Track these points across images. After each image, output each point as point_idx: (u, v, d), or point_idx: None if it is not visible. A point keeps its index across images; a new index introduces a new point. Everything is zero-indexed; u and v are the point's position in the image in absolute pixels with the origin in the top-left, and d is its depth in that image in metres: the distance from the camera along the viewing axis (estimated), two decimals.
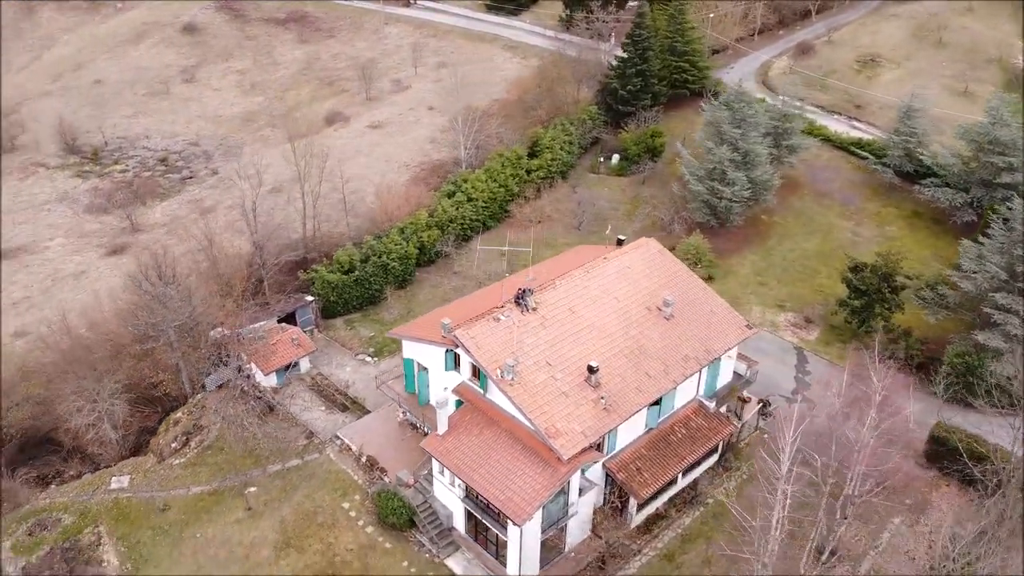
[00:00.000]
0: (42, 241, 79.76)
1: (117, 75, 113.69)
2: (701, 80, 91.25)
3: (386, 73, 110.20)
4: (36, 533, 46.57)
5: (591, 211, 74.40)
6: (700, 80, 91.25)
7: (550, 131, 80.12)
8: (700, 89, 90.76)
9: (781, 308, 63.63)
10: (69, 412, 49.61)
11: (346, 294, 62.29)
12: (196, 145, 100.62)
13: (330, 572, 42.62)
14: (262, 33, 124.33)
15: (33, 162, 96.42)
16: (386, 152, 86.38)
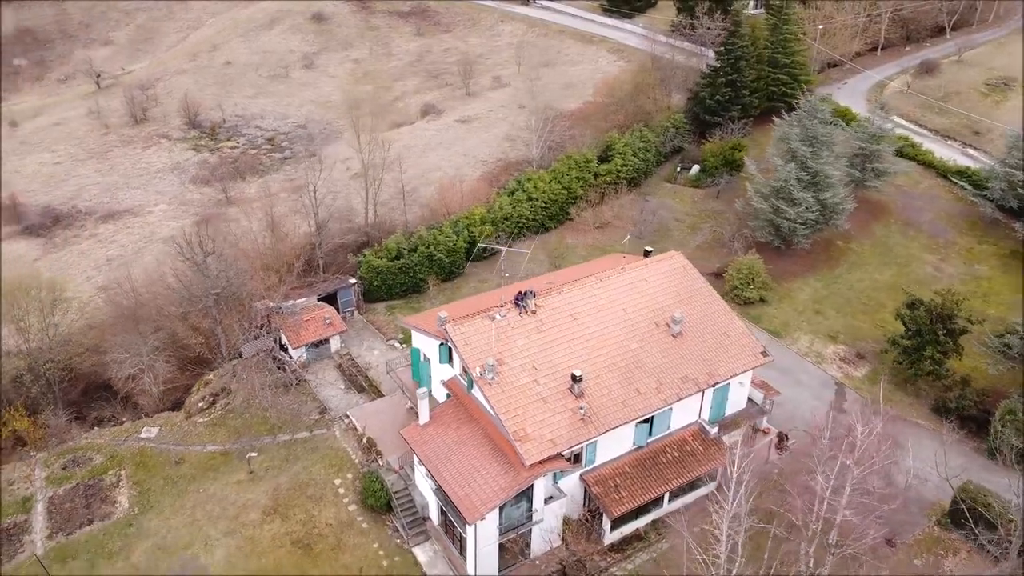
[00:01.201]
0: (148, 206, 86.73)
1: (246, 57, 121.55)
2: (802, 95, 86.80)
3: (491, 70, 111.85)
4: (69, 468, 51.07)
5: (654, 221, 72.69)
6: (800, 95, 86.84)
7: (625, 136, 78.86)
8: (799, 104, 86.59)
9: (833, 340, 59.97)
10: (114, 363, 54.02)
11: (389, 280, 64.10)
12: (303, 128, 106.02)
13: (305, 543, 44.34)
14: (383, 25, 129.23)
15: (158, 133, 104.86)
16: (467, 147, 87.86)
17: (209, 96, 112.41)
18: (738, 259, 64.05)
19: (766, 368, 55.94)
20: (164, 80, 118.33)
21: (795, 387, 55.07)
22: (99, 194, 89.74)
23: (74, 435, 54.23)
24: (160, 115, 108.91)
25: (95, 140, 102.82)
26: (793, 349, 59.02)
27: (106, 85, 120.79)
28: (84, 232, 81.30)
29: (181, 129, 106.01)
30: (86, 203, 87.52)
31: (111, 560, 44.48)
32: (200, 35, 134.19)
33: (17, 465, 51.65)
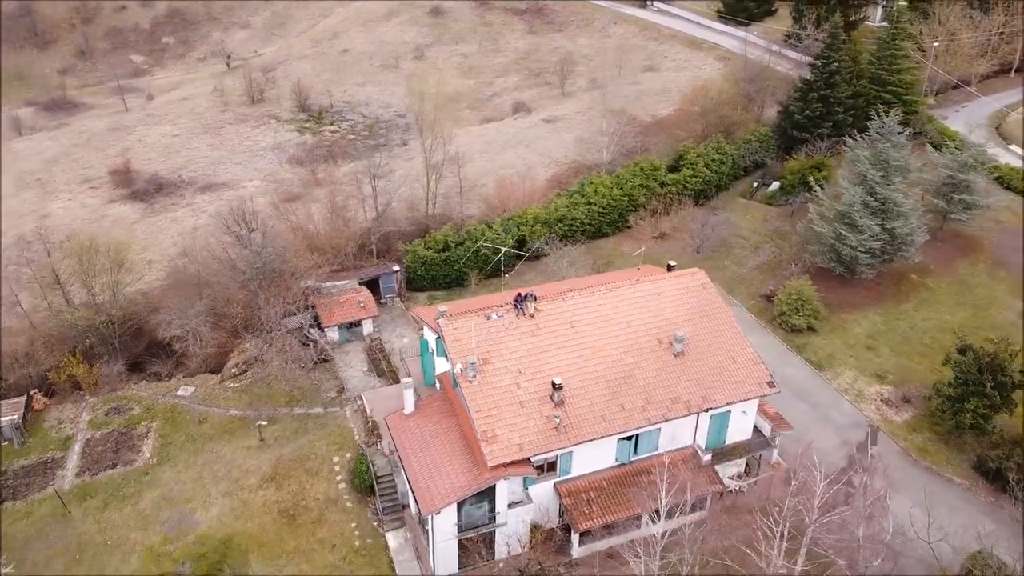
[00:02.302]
0: (243, 180, 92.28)
1: (362, 46, 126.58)
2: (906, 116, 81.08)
3: (592, 71, 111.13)
4: (111, 415, 55.53)
5: (715, 236, 70.16)
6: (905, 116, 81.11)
7: (700, 147, 76.45)
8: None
9: (879, 379, 55.94)
10: (163, 323, 58.15)
11: (433, 271, 65.32)
12: (402, 117, 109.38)
13: (291, 513, 46.25)
14: (497, 21, 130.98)
15: (270, 114, 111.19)
16: (545, 146, 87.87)
17: (322, 81, 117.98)
18: (788, 283, 60.83)
19: (793, 399, 53.55)
20: (286, 64, 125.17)
21: (821, 423, 51.90)
22: (204, 167, 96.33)
23: (123, 385, 58.80)
24: (275, 97, 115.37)
25: (213, 116, 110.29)
26: (832, 384, 55.53)
27: (235, 66, 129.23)
28: (182, 201, 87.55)
29: (291, 111, 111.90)
30: (190, 174, 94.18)
31: (122, 503, 48.07)
32: (328, 23, 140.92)
33: (69, 406, 56.70)
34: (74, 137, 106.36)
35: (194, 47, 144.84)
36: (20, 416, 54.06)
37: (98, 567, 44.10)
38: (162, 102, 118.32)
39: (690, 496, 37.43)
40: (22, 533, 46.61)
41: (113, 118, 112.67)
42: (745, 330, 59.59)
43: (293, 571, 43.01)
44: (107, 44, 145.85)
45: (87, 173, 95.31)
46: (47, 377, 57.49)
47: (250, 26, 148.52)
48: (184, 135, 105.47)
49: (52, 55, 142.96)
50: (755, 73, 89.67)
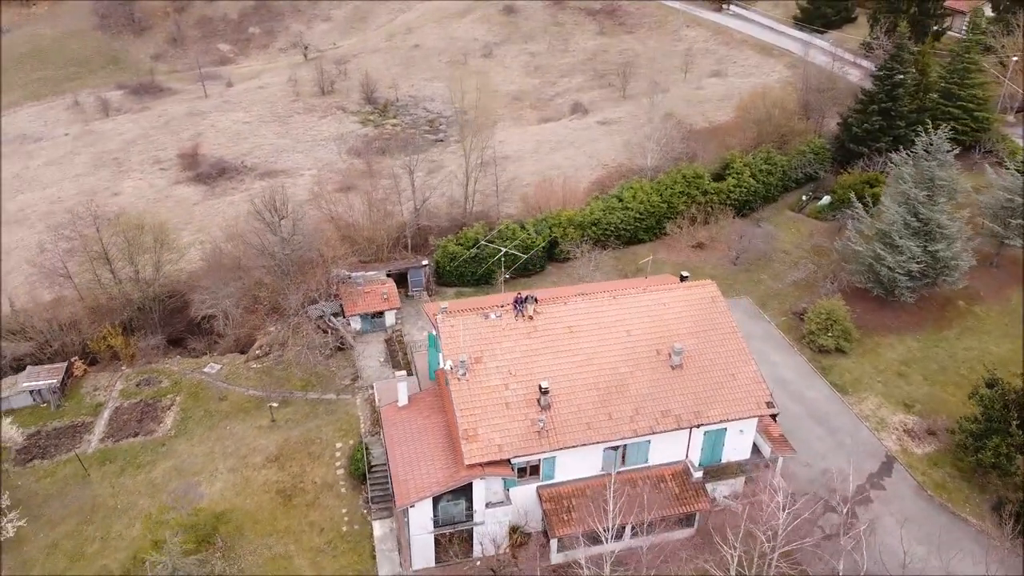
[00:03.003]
0: (302, 169, 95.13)
1: (433, 42, 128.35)
2: (975, 133, 77.16)
3: (656, 74, 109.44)
4: (141, 386, 58.38)
5: (755, 249, 68.28)
6: (974, 133, 77.21)
7: (748, 156, 74.46)
8: (971, 143, 77.11)
9: (906, 408, 53.39)
10: (196, 302, 60.71)
11: (461, 268, 65.86)
12: (464, 114, 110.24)
13: (288, 494, 47.65)
14: (569, 21, 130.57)
15: (337, 105, 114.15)
16: (596, 148, 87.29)
17: (391, 75, 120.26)
18: (819, 302, 58.69)
19: (809, 422, 51.81)
20: (359, 57, 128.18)
21: (834, 450, 49.95)
22: (267, 154, 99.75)
23: (157, 359, 61.66)
24: (345, 89, 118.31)
25: (284, 106, 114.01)
26: (854, 409, 53.31)
27: (312, 57, 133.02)
28: (241, 185, 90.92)
29: (358, 103, 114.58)
30: (253, 160, 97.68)
31: (137, 471, 50.56)
32: (405, 18, 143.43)
33: (106, 375, 59.89)
34: (154, 120, 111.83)
35: (277, 38, 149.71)
36: (59, 381, 57.44)
37: (104, 529, 46.54)
38: (239, 90, 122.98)
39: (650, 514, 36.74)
40: (44, 491, 49.58)
41: (192, 103, 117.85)
42: (771, 348, 58.58)
43: (280, 550, 44.34)
44: (197, 32, 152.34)
45: (160, 155, 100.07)
46: (88, 346, 60.86)
47: (331, 19, 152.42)
48: (254, 122, 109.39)
49: (146, 41, 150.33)
50: (821, 82, 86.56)
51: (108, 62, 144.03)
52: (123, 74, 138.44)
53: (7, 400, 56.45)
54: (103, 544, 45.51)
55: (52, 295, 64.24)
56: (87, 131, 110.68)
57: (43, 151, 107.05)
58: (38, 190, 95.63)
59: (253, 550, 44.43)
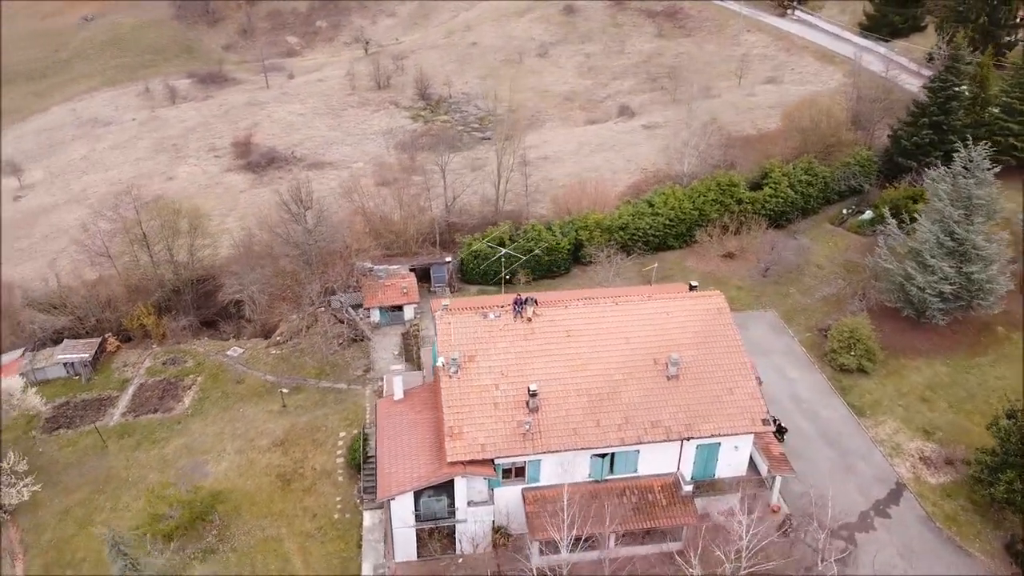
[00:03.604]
0: (348, 161, 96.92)
1: (490, 40, 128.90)
2: None
3: (711, 80, 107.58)
4: (167, 365, 60.63)
5: (787, 261, 66.52)
6: None
7: (787, 166, 72.53)
8: None
9: (925, 435, 51.29)
10: (223, 287, 62.68)
11: (484, 266, 66.14)
12: (513, 112, 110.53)
13: (287, 478, 48.81)
14: (628, 22, 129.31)
15: (391, 100, 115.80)
16: (636, 152, 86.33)
17: (447, 72, 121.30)
18: (843, 319, 56.84)
19: (819, 443, 50.33)
20: (418, 53, 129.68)
21: (842, 473, 48.34)
22: (317, 145, 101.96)
23: (186, 340, 63.89)
24: (400, 84, 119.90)
25: (339, 99, 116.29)
26: (868, 432, 51.46)
27: (372, 52, 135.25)
28: (288, 175, 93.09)
29: (411, 99, 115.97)
30: (303, 151, 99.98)
31: (151, 446, 52.59)
32: (467, 16, 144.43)
33: (137, 352, 62.42)
34: (215, 109, 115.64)
35: (343, 31, 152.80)
36: (92, 355, 60.12)
37: (114, 499, 48.58)
38: (300, 82, 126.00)
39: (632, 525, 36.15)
40: (64, 459, 52.05)
41: (253, 94, 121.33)
42: (791, 364, 57.10)
43: (272, 533, 45.49)
44: (267, 24, 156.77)
45: (216, 143, 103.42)
46: (122, 323, 63.48)
47: (396, 15, 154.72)
48: (308, 114, 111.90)
49: (219, 32, 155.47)
50: (876, 92, 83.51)
51: (182, 51, 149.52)
52: (195, 63, 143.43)
53: (42, 371, 59.43)
54: (111, 514, 47.49)
55: (94, 274, 67.19)
56: (152, 117, 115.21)
57: (111, 135, 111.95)
58: (101, 172, 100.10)
59: (247, 530, 45.70)
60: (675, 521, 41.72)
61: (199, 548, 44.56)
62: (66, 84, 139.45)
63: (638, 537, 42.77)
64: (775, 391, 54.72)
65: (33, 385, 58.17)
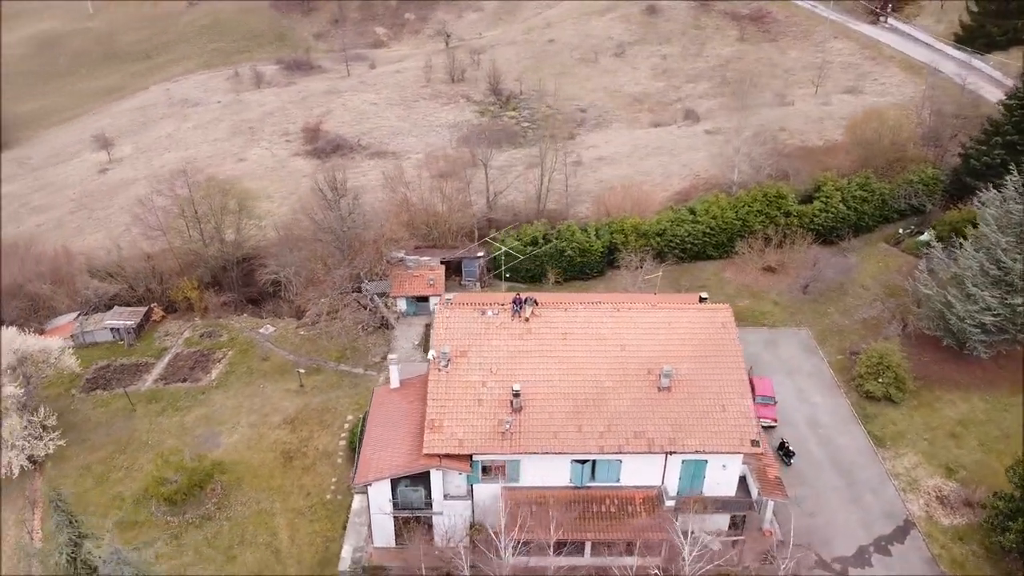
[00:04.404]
0: (410, 153, 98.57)
1: (568, 38, 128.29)
2: None
3: (787, 87, 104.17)
4: (203, 338, 63.50)
5: (830, 279, 63.84)
6: None
7: (843, 180, 69.47)
8: None
9: (948, 472, 48.46)
10: (261, 267, 65.11)
11: (516, 263, 66.20)
12: (582, 111, 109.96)
13: (290, 455, 50.45)
14: (711, 25, 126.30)
15: (463, 94, 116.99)
16: (692, 157, 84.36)
17: (521, 68, 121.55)
18: (873, 344, 54.19)
19: (828, 471, 48.41)
20: (496, 48, 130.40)
21: (847, 504, 46.29)
22: (384, 135, 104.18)
23: (226, 315, 66.70)
24: (474, 78, 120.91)
25: (412, 90, 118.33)
26: (884, 464, 48.96)
27: (453, 46, 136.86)
28: (351, 163, 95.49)
29: (483, 94, 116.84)
30: (369, 140, 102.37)
31: (174, 413, 55.28)
32: (551, 13, 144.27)
33: (178, 323, 65.63)
34: (293, 95, 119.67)
35: (429, 24, 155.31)
36: (137, 323, 63.60)
37: (131, 460, 51.34)
38: (379, 72, 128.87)
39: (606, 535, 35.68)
40: (95, 418, 55.32)
41: (333, 82, 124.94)
42: (815, 386, 55.03)
43: (267, 506, 47.13)
44: (358, 15, 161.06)
45: (288, 128, 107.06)
46: (169, 295, 66.83)
47: (482, 10, 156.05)
48: (381, 104, 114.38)
49: (312, 20, 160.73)
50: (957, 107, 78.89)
51: (275, 38, 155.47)
52: (286, 50, 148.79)
53: (91, 334, 63.28)
54: (126, 473, 50.25)
55: (150, 247, 70.87)
56: (236, 100, 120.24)
57: (196, 115, 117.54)
58: (180, 150, 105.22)
59: (244, 501, 47.50)
60: (652, 535, 40.87)
61: (198, 514, 46.63)
62: (166, 65, 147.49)
63: (618, 548, 42.17)
64: (792, 413, 52.88)
65: (83, 347, 62.16)
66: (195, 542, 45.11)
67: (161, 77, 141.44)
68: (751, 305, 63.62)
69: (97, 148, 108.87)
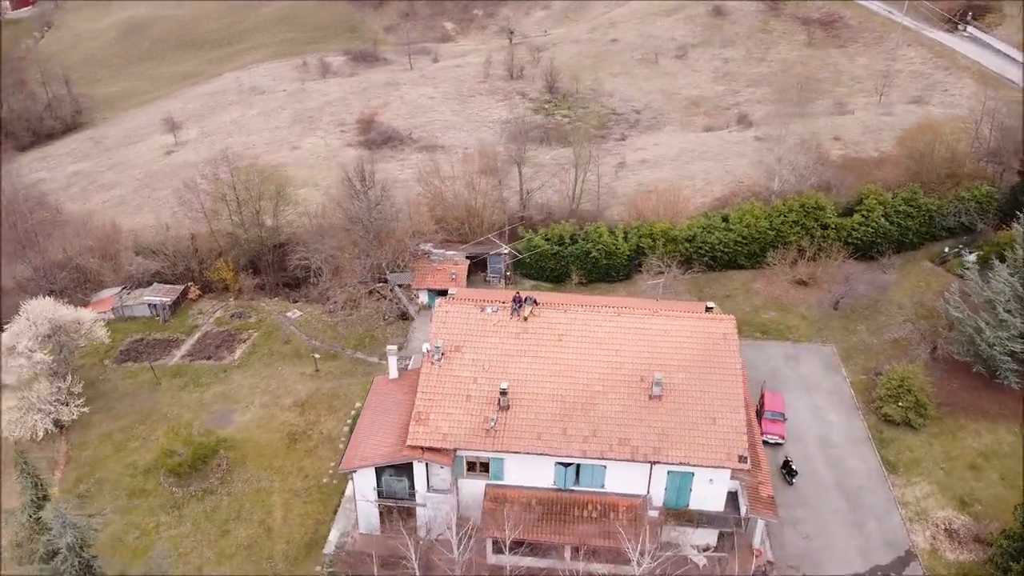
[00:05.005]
0: (458, 147, 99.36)
1: (631, 38, 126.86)
2: None
3: (851, 95, 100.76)
4: (233, 318, 65.64)
5: (863, 296, 61.62)
6: None
7: (887, 195, 66.80)
8: None
9: (961, 505, 46.31)
10: (292, 253, 66.88)
11: (542, 262, 66.14)
12: (637, 113, 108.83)
13: (294, 437, 51.78)
14: (779, 28, 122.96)
15: (519, 91, 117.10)
16: (738, 164, 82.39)
17: (581, 67, 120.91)
18: (896, 366, 52.05)
19: (832, 494, 47.02)
20: (558, 46, 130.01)
21: (846, 529, 44.70)
22: (436, 129, 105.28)
23: (258, 297, 68.71)
24: (532, 76, 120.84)
25: (470, 85, 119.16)
26: (894, 491, 47.04)
27: (517, 42, 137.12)
28: (399, 155, 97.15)
29: (539, 91, 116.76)
30: (420, 133, 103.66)
31: (195, 389, 57.37)
32: (618, 12, 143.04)
33: (212, 303, 68.01)
34: (355, 86, 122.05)
35: (496, 20, 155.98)
36: (172, 300, 66.20)
37: (149, 431, 53.52)
38: (440, 66, 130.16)
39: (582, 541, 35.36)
40: (123, 389, 57.89)
41: (394, 74, 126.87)
42: (832, 406, 53.47)
43: (266, 485, 48.50)
44: (428, 10, 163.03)
45: (345, 118, 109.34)
46: (206, 275, 69.30)
47: (550, 8, 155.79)
48: (438, 98, 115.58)
49: (383, 13, 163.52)
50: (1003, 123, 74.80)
51: (346, 30, 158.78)
52: (356, 42, 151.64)
53: (130, 308, 66.21)
54: (142, 443, 52.45)
55: (194, 229, 73.46)
56: (300, 89, 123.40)
57: (261, 102, 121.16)
58: (242, 136, 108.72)
59: (246, 479, 49.00)
60: (632, 544, 40.30)
61: (201, 488, 48.34)
62: (241, 53, 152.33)
63: (601, 555, 41.77)
64: (804, 431, 51.39)
65: (121, 320, 65.20)
66: (194, 514, 46.80)
67: (235, 64, 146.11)
68: (778, 318, 61.94)
69: (166, 131, 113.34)
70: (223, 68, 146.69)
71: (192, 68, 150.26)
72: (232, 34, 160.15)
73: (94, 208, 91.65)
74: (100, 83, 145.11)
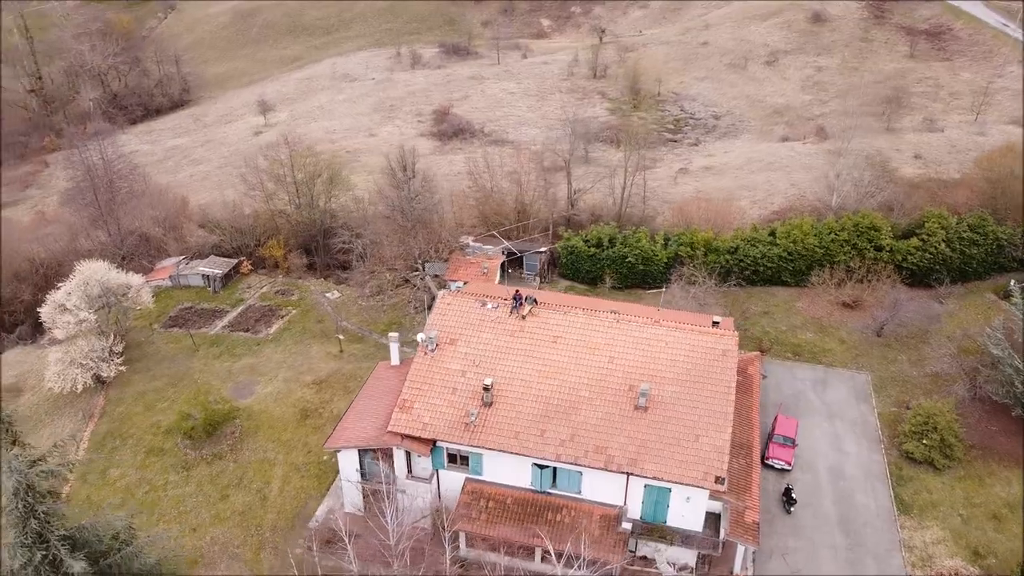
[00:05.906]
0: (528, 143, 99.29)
1: (723, 42, 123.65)
2: None
3: (947, 112, 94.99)
4: (277, 295, 68.35)
5: (910, 324, 58.20)
6: None
7: (951, 219, 62.69)
8: None
9: (974, 556, 43.28)
10: (338, 237, 69.06)
11: (578, 264, 65.70)
12: (716, 119, 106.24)
13: (306, 413, 53.56)
14: (880, 38, 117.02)
15: (599, 91, 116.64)
16: (803, 177, 79.13)
17: (667, 69, 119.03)
18: (923, 402, 48.92)
19: (832, 529, 44.83)
20: (648, 47, 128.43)
21: (840, 566, 42.60)
22: (509, 124, 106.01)
23: (304, 276, 71.34)
24: (615, 75, 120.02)
25: (552, 83, 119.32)
26: (901, 533, 44.33)
27: (608, 41, 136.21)
28: (468, 147, 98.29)
29: (620, 92, 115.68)
30: (492, 127, 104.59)
31: (228, 359, 60.14)
32: (715, 15, 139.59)
33: (261, 278, 71.04)
34: (440, 78, 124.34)
35: (592, 18, 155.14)
36: (224, 272, 69.58)
37: (178, 394, 56.49)
38: (528, 63, 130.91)
39: None
40: (163, 352, 61.32)
41: (480, 68, 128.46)
42: (853, 436, 51.44)
43: (271, 456, 50.43)
44: (527, 5, 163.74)
45: (424, 108, 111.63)
46: (258, 251, 72.45)
47: (648, 7, 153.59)
48: (518, 94, 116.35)
49: (482, 8, 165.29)
50: None
51: (445, 22, 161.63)
52: (453, 35, 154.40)
53: (185, 277, 70.02)
54: (169, 405, 55.47)
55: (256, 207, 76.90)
56: (388, 78, 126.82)
57: (350, 89, 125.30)
58: (326, 120, 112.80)
59: (254, 448, 51.11)
60: (599, 554, 39.74)
61: (211, 452, 50.76)
62: (342, 41, 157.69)
63: (572, 561, 41.33)
64: (816, 460, 49.13)
65: (177, 288, 69.11)
66: (201, 476, 49.24)
67: (335, 52, 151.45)
68: (815, 339, 59.30)
69: (259, 112, 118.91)
70: (324, 55, 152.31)
71: (295, 53, 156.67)
72: (337, 22, 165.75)
73: (181, 181, 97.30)
74: (208, 64, 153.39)
